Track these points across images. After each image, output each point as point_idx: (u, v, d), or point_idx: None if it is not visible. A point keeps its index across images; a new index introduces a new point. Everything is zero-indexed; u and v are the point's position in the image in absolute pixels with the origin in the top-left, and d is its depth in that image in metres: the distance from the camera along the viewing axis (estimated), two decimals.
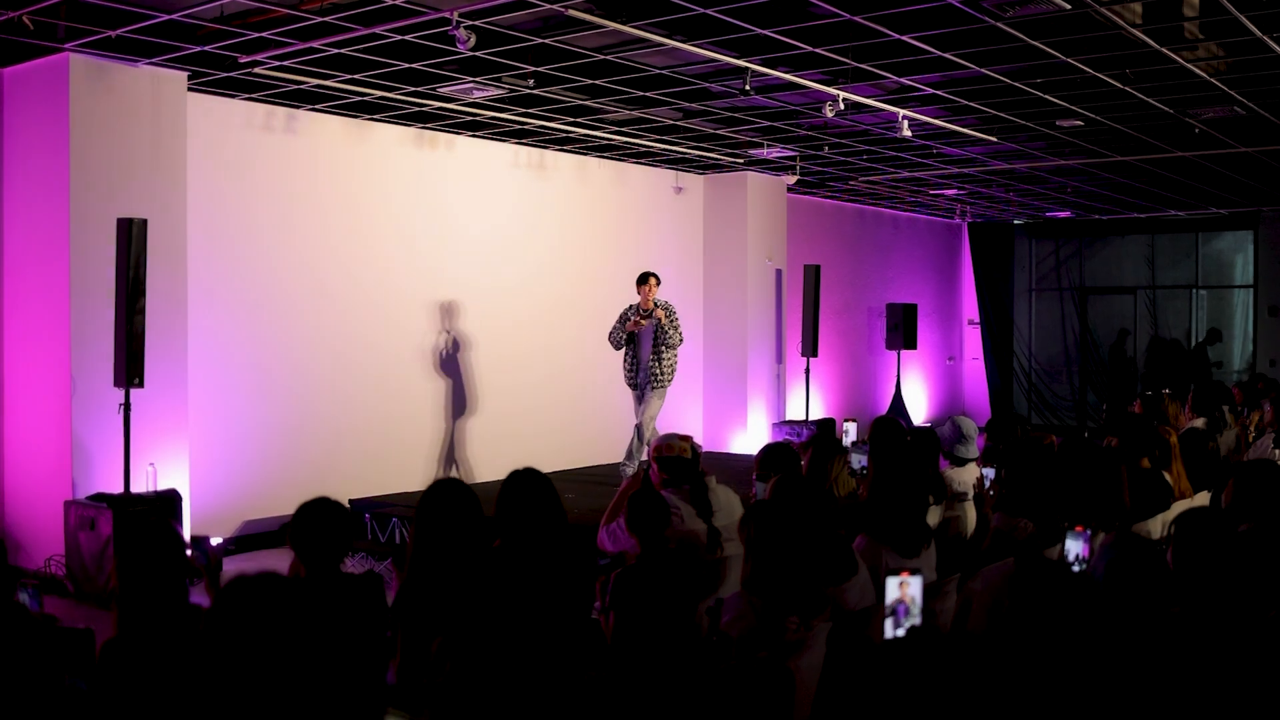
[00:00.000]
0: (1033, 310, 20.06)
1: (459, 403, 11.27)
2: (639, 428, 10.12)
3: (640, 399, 10.17)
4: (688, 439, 5.44)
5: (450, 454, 11.11)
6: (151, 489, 8.08)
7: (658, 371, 10.02)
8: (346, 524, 3.71)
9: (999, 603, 3.57)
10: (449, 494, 3.95)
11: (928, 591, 4.07)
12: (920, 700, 3.22)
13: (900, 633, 3.36)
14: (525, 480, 4.20)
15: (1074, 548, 4.12)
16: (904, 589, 3.41)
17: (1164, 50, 7.97)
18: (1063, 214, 18.14)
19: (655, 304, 9.99)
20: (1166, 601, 3.03)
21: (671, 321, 9.99)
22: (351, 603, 3.62)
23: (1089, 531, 4.22)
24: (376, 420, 10.60)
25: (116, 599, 3.06)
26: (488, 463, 11.05)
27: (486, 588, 3.88)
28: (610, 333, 10.16)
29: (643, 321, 9.97)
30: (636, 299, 10.11)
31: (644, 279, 10.06)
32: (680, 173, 13.82)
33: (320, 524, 3.66)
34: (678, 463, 5.31)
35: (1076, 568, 4.06)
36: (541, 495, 4.18)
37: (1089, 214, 18.07)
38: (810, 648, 3.70)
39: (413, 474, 10.85)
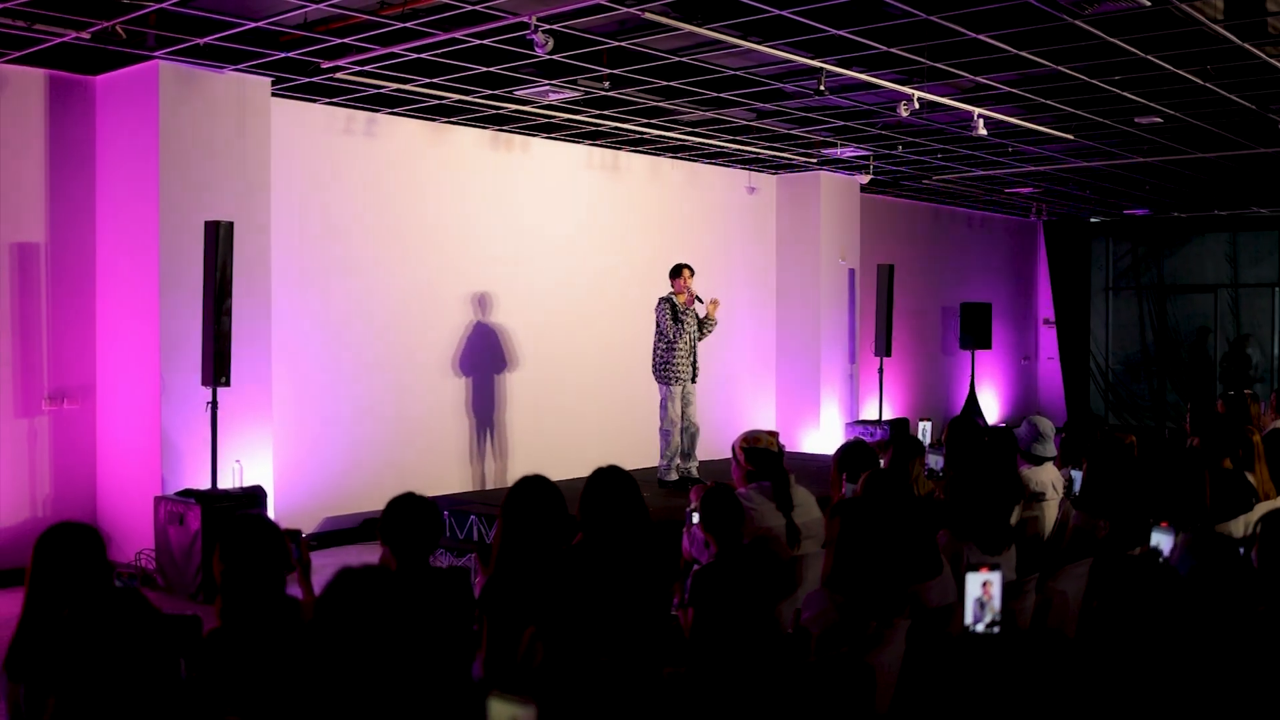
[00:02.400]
0: (1110, 309, 19.79)
1: (535, 401, 11.39)
2: (691, 428, 9.86)
3: (680, 395, 9.74)
4: (774, 434, 5.47)
5: (526, 452, 11.22)
6: (238, 485, 8.28)
7: (698, 365, 9.88)
8: (435, 519, 3.80)
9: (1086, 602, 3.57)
10: (536, 490, 4.04)
11: (1008, 590, 4.08)
12: (998, 694, 3.25)
13: (980, 628, 3.38)
14: (609, 477, 4.26)
15: (1161, 543, 4.11)
16: (986, 588, 3.43)
17: (1246, 46, 7.86)
18: (1141, 211, 17.88)
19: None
20: (1251, 599, 3.02)
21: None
22: (442, 595, 3.72)
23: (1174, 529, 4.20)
24: (455, 419, 10.77)
25: (220, 590, 3.18)
26: (567, 461, 11.15)
27: (570, 582, 3.95)
28: (665, 327, 9.69)
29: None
30: (665, 291, 9.84)
31: (682, 269, 9.79)
32: (753, 173, 13.84)
33: (410, 518, 3.76)
34: (765, 455, 5.33)
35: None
36: (624, 492, 4.24)
37: (1168, 211, 17.80)
38: (890, 644, 3.73)
39: (490, 472, 11.01)
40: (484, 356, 11.05)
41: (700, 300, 9.81)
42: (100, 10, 7.06)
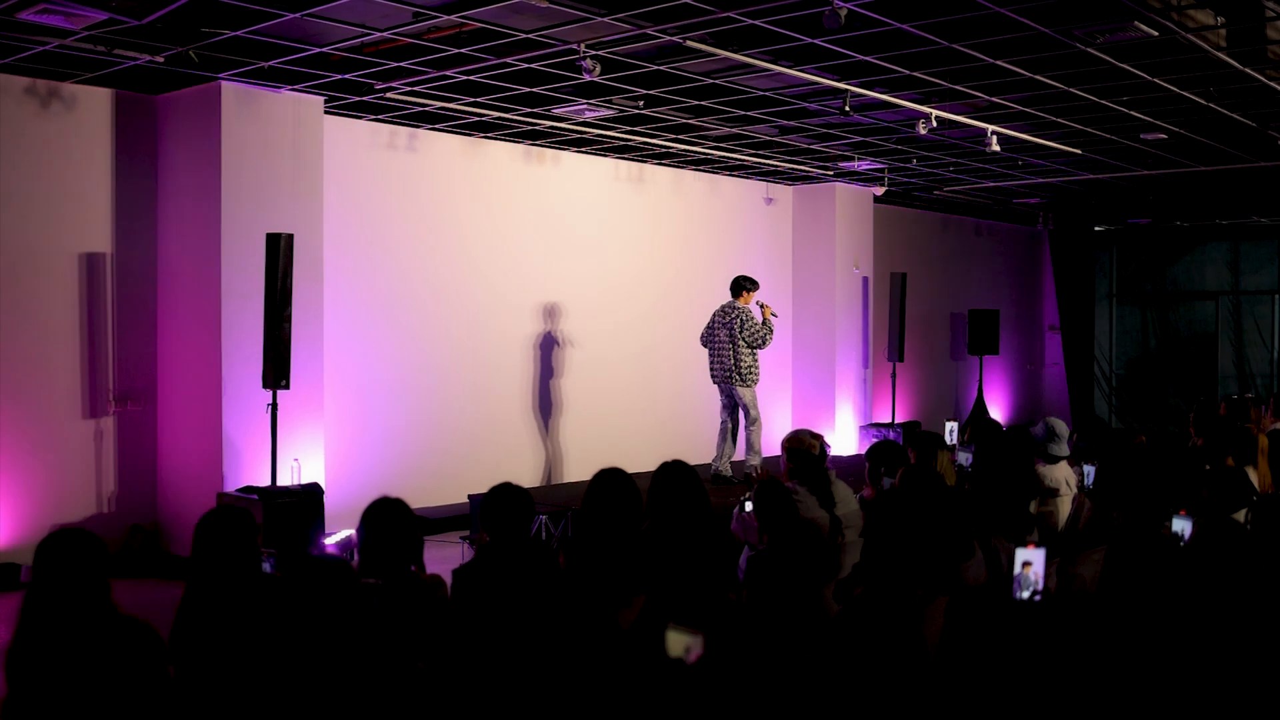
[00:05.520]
0: (1114, 316, 20.24)
1: (568, 403, 11.88)
2: (755, 426, 10.52)
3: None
4: (818, 437, 5.95)
5: (544, 452, 11.70)
6: (296, 482, 8.76)
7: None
8: (528, 505, 4.29)
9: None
10: (612, 481, 4.52)
11: None
12: (1031, 659, 3.73)
13: (1025, 595, 3.88)
14: (674, 471, 4.77)
15: (1183, 529, 4.60)
16: (1027, 568, 3.92)
17: (1246, 70, 8.34)
18: (1145, 221, 18.34)
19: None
20: (1250, 575, 3.50)
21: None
22: (538, 568, 4.20)
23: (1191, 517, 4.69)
24: (496, 419, 11.28)
25: (360, 565, 3.67)
26: (586, 462, 11.61)
27: (641, 563, 4.44)
28: (764, 336, 10.59)
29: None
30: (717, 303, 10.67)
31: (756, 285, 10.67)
32: (771, 184, 14.33)
33: (507, 504, 4.24)
34: (806, 456, 5.82)
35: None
36: (688, 484, 4.74)
37: (1171, 221, 18.26)
38: (931, 618, 4.21)
39: (523, 471, 11.49)
40: (521, 359, 11.55)
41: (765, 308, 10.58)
42: (175, 37, 7.54)
